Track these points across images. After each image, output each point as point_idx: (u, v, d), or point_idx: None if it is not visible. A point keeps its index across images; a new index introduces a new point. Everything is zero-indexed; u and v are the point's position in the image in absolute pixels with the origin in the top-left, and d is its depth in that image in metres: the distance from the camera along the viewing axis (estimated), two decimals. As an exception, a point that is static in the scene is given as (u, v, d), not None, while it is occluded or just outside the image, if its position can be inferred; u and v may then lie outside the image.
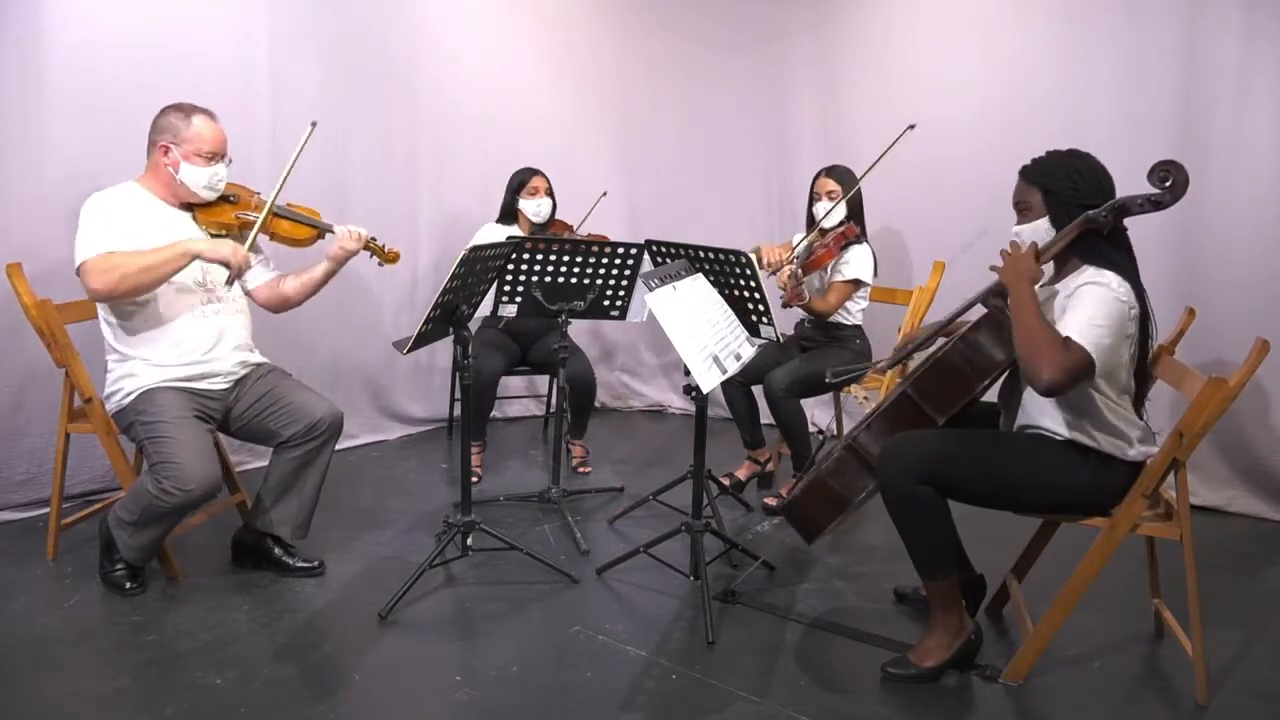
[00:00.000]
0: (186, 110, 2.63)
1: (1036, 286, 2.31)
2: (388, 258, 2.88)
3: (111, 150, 3.19)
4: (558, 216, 3.94)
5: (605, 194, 4.14)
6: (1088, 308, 2.11)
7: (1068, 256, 2.25)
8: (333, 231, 2.81)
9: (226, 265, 2.57)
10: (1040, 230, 2.25)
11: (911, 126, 3.44)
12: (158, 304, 2.60)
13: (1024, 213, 2.29)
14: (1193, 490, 2.66)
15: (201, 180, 2.64)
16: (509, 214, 3.84)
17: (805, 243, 3.52)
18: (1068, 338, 2.07)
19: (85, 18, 3.20)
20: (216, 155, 2.65)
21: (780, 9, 4.53)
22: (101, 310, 2.64)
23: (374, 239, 2.83)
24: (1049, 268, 2.32)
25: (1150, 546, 2.53)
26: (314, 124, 2.72)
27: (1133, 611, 2.62)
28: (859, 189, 3.51)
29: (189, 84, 3.32)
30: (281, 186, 2.71)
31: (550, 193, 3.83)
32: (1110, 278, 2.13)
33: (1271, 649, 2.50)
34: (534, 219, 3.79)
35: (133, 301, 2.57)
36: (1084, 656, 2.43)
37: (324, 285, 2.87)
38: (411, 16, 4.18)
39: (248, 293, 2.86)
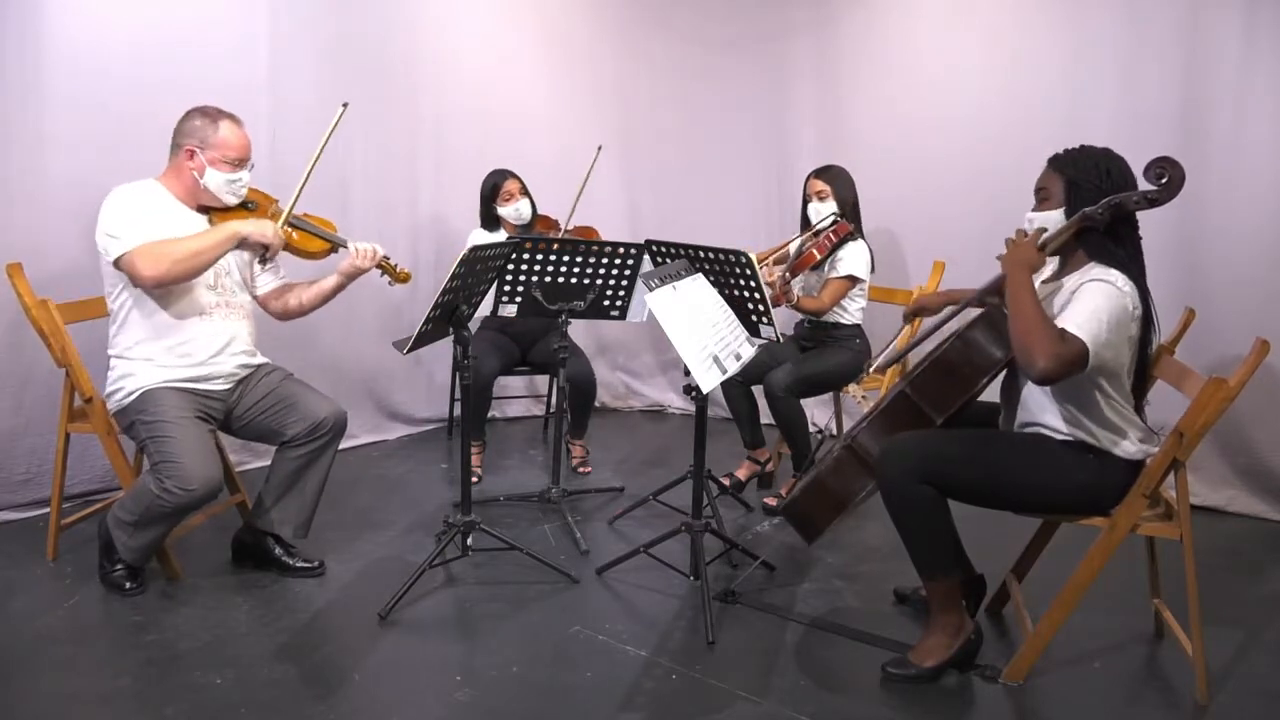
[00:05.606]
0: (213, 115, 2.63)
1: (1039, 281, 2.31)
2: (399, 277, 2.87)
3: (113, 149, 3.20)
4: (543, 212, 3.88)
5: (600, 148, 3.93)
6: (1091, 302, 2.09)
7: (1075, 253, 2.24)
8: (346, 247, 2.80)
9: (267, 247, 2.66)
10: (1053, 219, 2.24)
11: (345, 105, 2.94)
12: (169, 305, 2.60)
13: (1043, 200, 2.28)
14: (1193, 490, 2.65)
15: (225, 186, 2.65)
16: (490, 220, 3.81)
17: (797, 243, 3.52)
18: (1064, 330, 2.06)
19: (86, 17, 3.20)
20: (242, 161, 2.66)
21: (780, 9, 4.52)
22: (111, 306, 2.64)
23: (387, 258, 2.82)
24: (1054, 263, 2.32)
25: (1150, 546, 2.53)
26: (345, 104, 2.79)
27: (1133, 611, 2.62)
28: (854, 189, 3.52)
29: (189, 84, 3.31)
30: (298, 198, 2.71)
31: (525, 191, 3.78)
32: (1116, 276, 2.12)
33: (1271, 649, 2.50)
34: (515, 222, 3.76)
35: (151, 298, 2.58)
36: (1084, 656, 2.43)
37: (333, 298, 2.87)
38: (411, 16, 4.18)
39: (256, 298, 2.87)
